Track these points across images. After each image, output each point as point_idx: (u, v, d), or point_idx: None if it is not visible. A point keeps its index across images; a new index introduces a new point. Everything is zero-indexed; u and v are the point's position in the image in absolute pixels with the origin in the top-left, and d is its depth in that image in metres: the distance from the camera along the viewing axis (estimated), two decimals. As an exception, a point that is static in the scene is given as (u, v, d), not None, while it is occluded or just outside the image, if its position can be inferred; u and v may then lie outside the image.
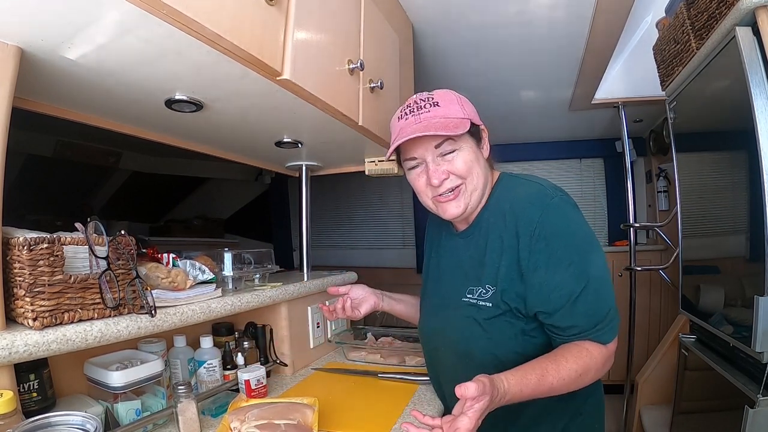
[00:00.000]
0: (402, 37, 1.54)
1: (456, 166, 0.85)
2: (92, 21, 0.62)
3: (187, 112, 1.00)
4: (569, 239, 0.80)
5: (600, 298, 0.79)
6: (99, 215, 0.76)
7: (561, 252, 0.79)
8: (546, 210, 0.80)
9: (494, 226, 0.87)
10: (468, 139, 0.87)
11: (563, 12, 1.60)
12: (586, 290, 0.78)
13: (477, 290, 0.87)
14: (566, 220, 0.81)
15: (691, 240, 1.68)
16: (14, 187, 1.20)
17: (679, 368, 1.70)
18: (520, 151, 3.62)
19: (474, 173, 0.86)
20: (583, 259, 0.79)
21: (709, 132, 1.52)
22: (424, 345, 1.06)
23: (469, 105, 0.90)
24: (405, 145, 0.88)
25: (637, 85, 2.30)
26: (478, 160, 0.87)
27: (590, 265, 0.79)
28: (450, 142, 0.85)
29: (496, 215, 0.88)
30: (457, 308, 0.90)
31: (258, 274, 1.28)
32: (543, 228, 0.79)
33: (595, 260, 0.81)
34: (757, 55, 1.10)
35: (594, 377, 0.79)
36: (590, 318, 0.78)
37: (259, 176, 3.97)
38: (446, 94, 0.89)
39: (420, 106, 0.86)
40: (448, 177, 0.86)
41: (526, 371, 0.74)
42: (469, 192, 0.87)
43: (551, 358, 0.77)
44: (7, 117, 0.67)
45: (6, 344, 0.61)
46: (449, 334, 0.92)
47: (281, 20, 0.85)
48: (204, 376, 1.03)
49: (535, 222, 0.80)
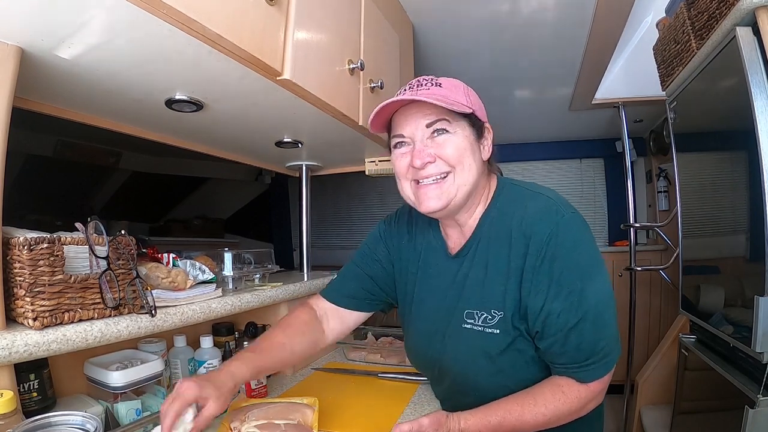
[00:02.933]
0: (402, 36, 1.54)
1: (446, 150, 0.76)
2: (92, 21, 0.62)
3: (187, 112, 1.00)
4: (573, 263, 0.73)
5: (596, 332, 0.73)
6: (99, 215, 0.75)
7: (563, 277, 0.73)
8: (556, 228, 0.74)
9: (497, 243, 0.79)
10: (466, 127, 0.78)
11: (563, 12, 1.60)
12: (582, 322, 0.72)
13: (480, 315, 0.79)
14: (574, 240, 0.74)
15: (691, 240, 1.68)
16: (14, 187, 1.20)
17: (679, 368, 1.70)
18: (520, 151, 3.62)
19: (465, 163, 0.76)
20: (584, 287, 0.73)
21: (710, 132, 1.52)
22: (419, 369, 0.98)
23: (477, 99, 0.82)
24: (395, 122, 0.80)
25: (637, 85, 2.30)
26: (473, 152, 0.78)
27: (591, 294, 0.73)
28: (444, 122, 0.76)
29: (500, 230, 0.79)
30: (458, 336, 0.81)
31: (258, 274, 1.28)
32: (549, 248, 0.73)
33: (597, 287, 0.74)
34: (757, 55, 1.10)
35: (574, 417, 0.75)
36: (581, 352, 0.73)
37: (259, 176, 3.97)
38: (453, 81, 0.80)
39: (420, 84, 0.77)
40: (434, 161, 0.76)
41: (488, 412, 0.73)
42: (456, 185, 0.77)
43: (520, 399, 0.74)
44: (7, 117, 0.67)
45: (6, 344, 0.61)
46: (451, 365, 0.84)
47: (281, 20, 0.86)
48: (204, 376, 1.03)
49: (545, 241, 0.73)
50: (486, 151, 0.83)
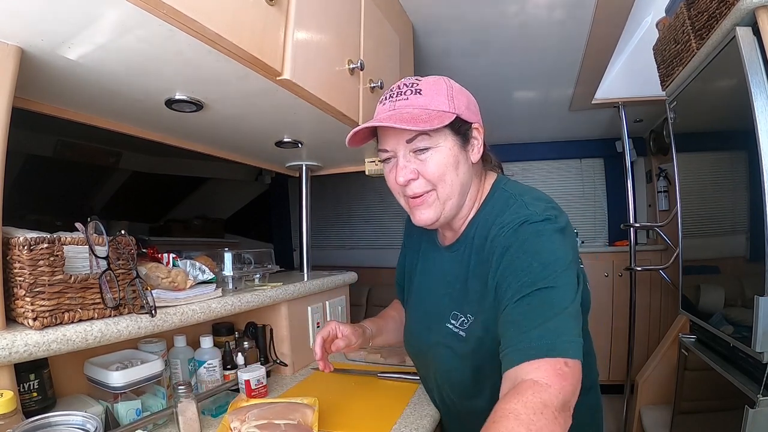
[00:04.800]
0: (402, 37, 1.54)
1: (427, 167, 0.75)
2: (92, 21, 0.62)
3: (187, 112, 1.00)
4: (534, 258, 0.68)
5: (546, 307, 0.64)
6: (99, 215, 0.76)
7: (519, 263, 0.68)
8: (519, 236, 0.71)
9: (478, 248, 0.79)
10: (448, 137, 0.76)
11: (563, 12, 1.60)
12: (533, 295, 0.65)
13: (459, 317, 0.80)
14: (536, 243, 0.69)
15: (691, 240, 1.68)
16: (14, 187, 1.20)
17: (679, 368, 1.70)
18: (520, 151, 3.62)
19: (447, 179, 0.76)
20: (540, 273, 0.66)
21: (709, 132, 1.52)
22: (410, 356, 1.02)
23: (464, 98, 0.79)
24: (379, 132, 0.80)
25: (637, 85, 2.30)
26: (456, 165, 0.76)
27: (546, 281, 0.66)
28: (424, 138, 0.74)
29: (481, 235, 0.79)
30: (439, 333, 0.84)
31: (258, 274, 1.28)
32: (507, 255, 0.70)
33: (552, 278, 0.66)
34: (757, 55, 1.10)
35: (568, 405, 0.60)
36: (524, 328, 0.63)
37: (259, 176, 3.97)
38: (436, 83, 0.78)
39: (401, 92, 0.76)
40: (417, 178, 0.76)
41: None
42: (441, 201, 0.78)
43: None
44: (7, 117, 0.67)
45: (6, 344, 0.61)
46: (433, 360, 0.87)
47: (281, 20, 0.85)
48: (204, 376, 1.03)
49: (505, 246, 0.71)
50: (475, 154, 0.81)
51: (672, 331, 2.15)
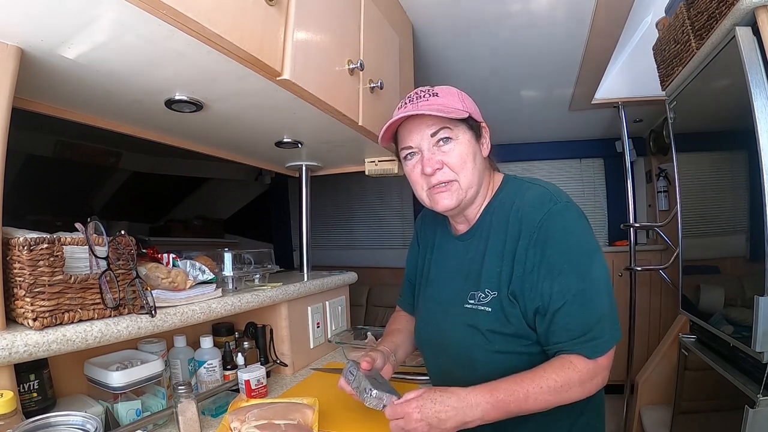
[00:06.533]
0: (402, 36, 1.54)
1: (451, 158, 0.84)
2: (92, 21, 0.62)
3: (187, 112, 1.00)
4: (563, 247, 0.78)
5: (587, 310, 0.77)
6: (99, 215, 0.76)
7: (553, 260, 0.78)
8: (548, 214, 0.79)
9: (496, 229, 0.86)
10: (466, 131, 0.86)
11: (563, 12, 1.60)
12: (570, 304, 0.76)
13: (477, 294, 0.85)
14: (565, 227, 0.79)
15: (691, 240, 1.68)
16: (14, 187, 1.20)
17: (679, 368, 1.70)
18: (520, 151, 3.62)
19: (468, 168, 0.85)
20: (573, 270, 0.77)
21: (709, 132, 1.52)
22: (422, 351, 1.02)
23: (471, 102, 0.90)
24: (401, 135, 0.88)
25: (637, 85, 2.30)
26: (474, 156, 0.86)
27: (581, 277, 0.77)
28: (446, 131, 0.84)
29: (500, 217, 0.87)
30: (458, 315, 0.88)
31: (258, 274, 1.28)
32: (541, 233, 0.79)
33: (589, 270, 0.78)
34: (757, 55, 1.10)
35: (581, 392, 0.76)
36: (570, 332, 0.76)
37: (259, 176, 3.97)
38: (447, 89, 0.89)
39: (419, 96, 0.86)
40: (442, 167, 0.85)
41: (496, 382, 0.75)
42: (464, 189, 0.86)
43: (528, 371, 0.76)
44: (7, 117, 0.67)
45: (6, 344, 0.61)
46: (451, 342, 0.89)
47: (281, 20, 0.85)
48: (204, 376, 1.03)
49: (536, 226, 0.79)
50: (486, 148, 0.90)
51: (672, 331, 2.15)
